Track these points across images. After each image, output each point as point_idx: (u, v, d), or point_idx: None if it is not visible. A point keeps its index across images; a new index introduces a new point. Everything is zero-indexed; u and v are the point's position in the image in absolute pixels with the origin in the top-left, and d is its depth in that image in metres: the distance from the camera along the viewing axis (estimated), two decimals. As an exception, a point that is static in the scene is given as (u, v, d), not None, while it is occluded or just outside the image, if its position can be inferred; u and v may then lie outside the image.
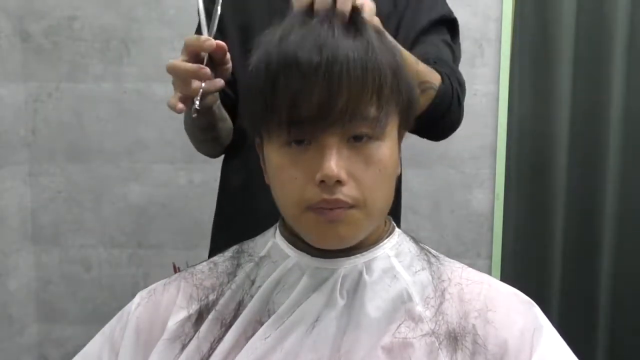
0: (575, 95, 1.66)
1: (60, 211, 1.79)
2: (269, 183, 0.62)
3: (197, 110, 0.69)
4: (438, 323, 0.59)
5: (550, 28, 1.65)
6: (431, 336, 0.59)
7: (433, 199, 1.74)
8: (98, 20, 1.71)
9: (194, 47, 0.69)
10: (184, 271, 0.71)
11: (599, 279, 1.69)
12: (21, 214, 1.76)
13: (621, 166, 1.67)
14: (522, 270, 1.73)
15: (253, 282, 0.65)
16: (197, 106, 0.69)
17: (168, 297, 0.67)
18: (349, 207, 0.56)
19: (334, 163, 0.54)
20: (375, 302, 0.60)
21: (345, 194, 0.55)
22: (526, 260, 1.73)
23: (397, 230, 0.68)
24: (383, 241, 0.64)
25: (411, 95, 0.61)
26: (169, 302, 0.66)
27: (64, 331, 1.84)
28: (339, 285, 0.61)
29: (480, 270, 0.67)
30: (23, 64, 1.74)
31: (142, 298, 0.68)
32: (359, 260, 0.62)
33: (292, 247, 0.65)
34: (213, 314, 0.64)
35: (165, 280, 0.70)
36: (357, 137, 0.56)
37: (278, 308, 0.61)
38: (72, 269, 1.82)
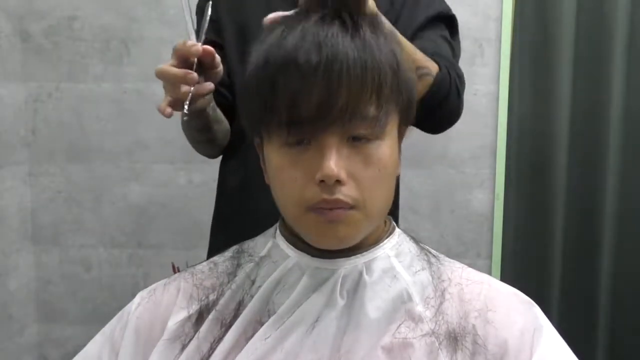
0: (575, 95, 1.66)
1: (60, 211, 1.79)
2: (269, 183, 0.62)
3: (187, 114, 0.70)
4: (438, 323, 0.59)
5: (550, 28, 1.64)
6: (431, 336, 0.58)
7: (433, 199, 1.74)
8: (98, 20, 1.71)
9: (181, 52, 0.70)
10: (184, 271, 0.71)
11: (599, 279, 1.69)
12: (21, 214, 1.76)
13: (621, 166, 1.67)
14: (522, 270, 1.73)
15: (253, 282, 0.64)
16: (186, 110, 0.70)
17: (168, 297, 0.67)
18: (349, 208, 0.56)
19: (333, 163, 0.54)
20: (375, 302, 0.60)
21: (345, 194, 0.55)
22: (526, 260, 1.73)
23: (397, 230, 0.68)
24: (383, 241, 0.64)
25: (411, 95, 0.61)
26: (169, 302, 0.66)
27: (64, 331, 1.84)
28: (339, 285, 0.61)
29: (480, 270, 0.67)
30: (23, 64, 1.74)
31: (142, 298, 0.68)
32: (359, 261, 0.62)
33: (292, 247, 0.64)
34: (213, 314, 0.63)
35: (166, 280, 0.70)
36: (356, 137, 0.56)
37: (278, 308, 0.61)
38: (72, 269, 1.82)
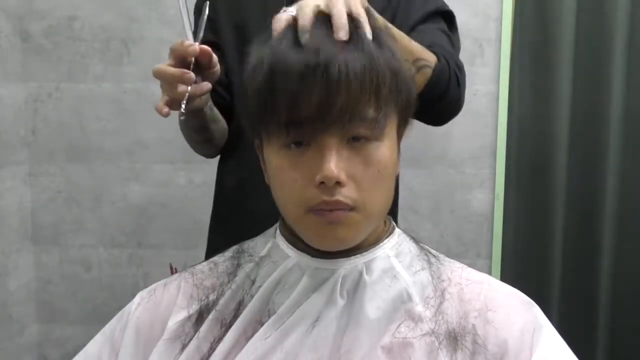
0: (575, 95, 1.66)
1: (60, 211, 1.79)
2: (269, 184, 0.62)
3: (184, 113, 0.71)
4: (438, 323, 0.59)
5: (550, 28, 1.64)
6: (431, 336, 0.59)
7: (433, 199, 1.74)
8: (98, 20, 1.71)
9: (178, 52, 0.70)
10: (184, 271, 0.71)
11: (599, 279, 1.69)
12: (21, 214, 1.76)
13: (621, 166, 1.67)
14: (522, 270, 1.73)
15: (253, 282, 0.65)
16: (184, 109, 0.70)
17: (168, 297, 0.67)
18: (348, 209, 0.56)
19: (333, 164, 0.54)
20: (375, 302, 0.60)
21: (344, 195, 0.55)
22: (526, 260, 1.73)
23: (397, 230, 0.68)
24: (383, 241, 0.64)
25: (410, 95, 0.61)
26: (169, 302, 0.66)
27: (64, 331, 1.84)
28: (339, 285, 0.61)
29: (480, 270, 0.67)
30: (23, 64, 1.74)
31: (142, 298, 0.68)
32: (359, 261, 0.62)
33: (292, 247, 0.65)
34: (213, 314, 0.64)
35: (166, 280, 0.70)
36: (356, 138, 0.56)
37: (278, 308, 0.61)
38: (72, 269, 1.82)
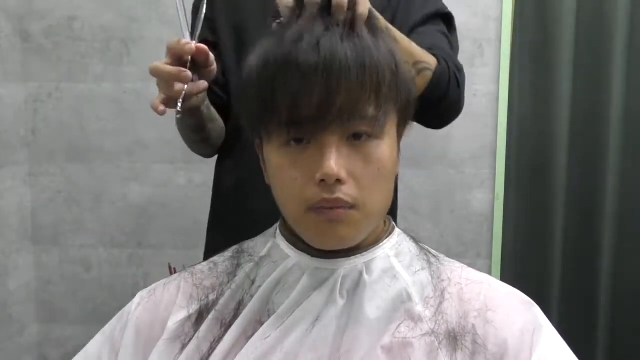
0: (575, 95, 1.66)
1: (60, 211, 1.79)
2: (269, 183, 0.62)
3: (180, 112, 0.70)
4: (438, 323, 0.59)
5: (550, 28, 1.64)
6: (431, 336, 0.58)
7: (433, 199, 1.74)
8: (98, 20, 1.71)
9: (175, 50, 0.70)
10: (184, 271, 0.71)
11: (599, 279, 1.69)
12: (21, 214, 1.76)
13: (621, 166, 1.67)
14: (522, 270, 1.73)
15: (253, 282, 0.65)
16: (180, 108, 0.70)
17: (168, 297, 0.67)
18: (349, 208, 0.56)
19: (333, 162, 0.54)
20: (375, 302, 0.60)
21: (345, 193, 0.55)
22: (526, 260, 1.73)
23: (397, 230, 0.68)
24: (383, 241, 0.64)
25: (410, 94, 0.61)
26: (169, 302, 0.66)
27: (64, 331, 1.84)
28: (338, 285, 0.61)
29: (480, 270, 0.67)
30: (23, 64, 1.74)
31: (142, 298, 0.68)
32: (358, 261, 0.62)
33: (292, 247, 0.65)
34: (213, 313, 0.64)
35: (165, 280, 0.70)
36: (356, 136, 0.56)
37: (278, 308, 0.61)
38: (72, 269, 1.82)
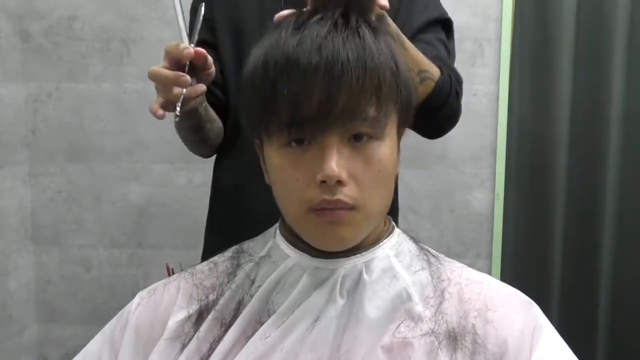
0: (575, 95, 1.66)
1: (60, 211, 1.79)
2: (270, 184, 0.63)
3: (178, 115, 0.71)
4: (438, 323, 0.59)
5: (550, 28, 1.65)
6: (431, 336, 0.58)
7: (433, 199, 1.74)
8: (98, 20, 1.71)
9: (173, 55, 0.70)
10: (183, 271, 0.71)
11: (599, 279, 1.69)
12: (21, 214, 1.76)
13: (621, 166, 1.67)
14: (522, 270, 1.73)
15: (253, 282, 0.65)
16: (178, 112, 0.70)
17: (168, 297, 0.67)
18: (349, 209, 0.56)
19: (334, 163, 0.54)
20: (375, 302, 0.60)
21: (345, 194, 0.55)
22: (526, 260, 1.73)
23: (397, 230, 0.68)
24: (382, 241, 0.64)
25: (410, 95, 0.61)
26: (169, 302, 0.66)
27: (64, 331, 1.84)
28: (338, 285, 0.61)
29: (480, 270, 0.67)
30: (23, 64, 1.74)
31: (142, 298, 0.68)
32: (358, 260, 0.62)
33: (292, 247, 0.65)
34: (213, 313, 0.64)
35: (165, 280, 0.70)
36: (357, 137, 0.56)
37: (278, 308, 0.61)
38: (72, 269, 1.82)
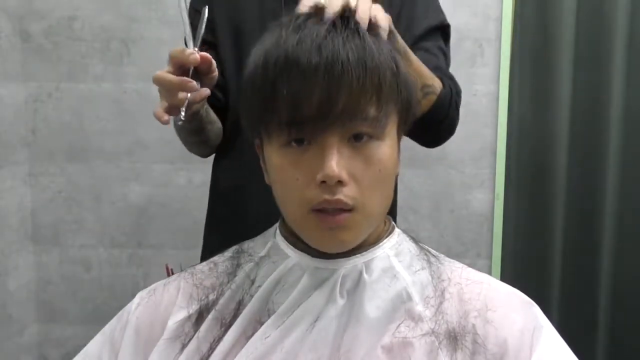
0: (575, 95, 1.66)
1: (60, 211, 1.79)
2: (270, 184, 0.62)
3: (182, 119, 0.71)
4: (438, 322, 0.59)
5: (550, 28, 1.64)
6: (431, 335, 0.58)
7: (433, 199, 1.74)
8: (98, 20, 1.71)
9: (178, 60, 0.69)
10: (184, 271, 0.71)
11: (599, 279, 1.69)
12: (21, 214, 1.76)
13: (621, 166, 1.67)
14: (522, 270, 1.73)
15: (253, 282, 0.65)
16: (183, 117, 0.70)
17: (168, 297, 0.67)
18: (349, 210, 0.56)
19: (334, 163, 0.54)
20: (375, 302, 0.60)
21: (345, 194, 0.55)
22: (526, 260, 1.73)
23: (397, 230, 0.68)
24: (383, 241, 0.64)
25: (410, 95, 0.61)
26: (169, 302, 0.66)
27: (64, 331, 1.84)
28: (338, 285, 0.61)
29: (480, 270, 0.67)
30: (23, 64, 1.74)
31: (142, 298, 0.68)
32: (358, 260, 0.62)
33: (292, 247, 0.65)
34: (213, 313, 0.64)
35: (165, 280, 0.70)
36: (357, 136, 0.56)
37: (278, 308, 0.61)
38: (72, 269, 1.82)
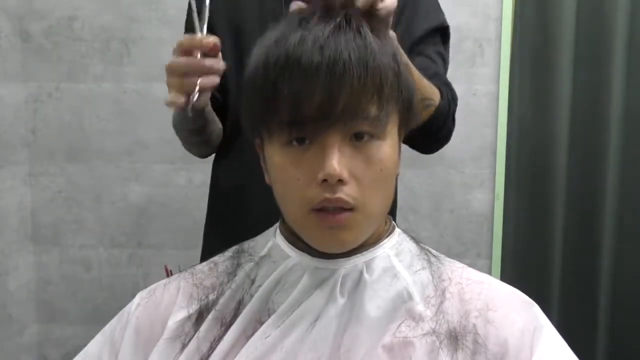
0: (575, 95, 1.66)
1: (60, 211, 1.79)
2: (270, 184, 0.62)
3: (194, 108, 0.71)
4: (439, 322, 0.59)
5: (550, 28, 1.65)
6: (432, 335, 0.58)
7: (433, 199, 1.74)
8: (98, 20, 1.71)
9: (190, 46, 0.70)
10: (184, 271, 0.71)
11: (599, 279, 1.69)
12: (21, 214, 1.76)
13: (621, 166, 1.67)
14: (522, 270, 1.73)
15: (253, 282, 0.64)
16: (195, 99, 0.70)
17: (168, 296, 0.67)
18: (349, 209, 0.56)
19: (335, 162, 0.54)
20: (376, 301, 0.60)
21: (346, 193, 0.55)
22: (526, 260, 1.73)
23: (397, 230, 0.68)
24: (383, 240, 0.64)
25: (411, 95, 0.61)
26: (169, 302, 0.66)
27: (64, 331, 1.84)
28: (339, 284, 0.61)
29: (480, 270, 0.67)
30: (23, 64, 1.74)
31: (142, 298, 0.68)
32: (359, 260, 0.62)
33: (292, 247, 0.65)
34: (213, 313, 0.63)
35: (165, 280, 0.70)
36: (358, 136, 0.56)
37: (278, 307, 0.61)
38: (72, 269, 1.82)
